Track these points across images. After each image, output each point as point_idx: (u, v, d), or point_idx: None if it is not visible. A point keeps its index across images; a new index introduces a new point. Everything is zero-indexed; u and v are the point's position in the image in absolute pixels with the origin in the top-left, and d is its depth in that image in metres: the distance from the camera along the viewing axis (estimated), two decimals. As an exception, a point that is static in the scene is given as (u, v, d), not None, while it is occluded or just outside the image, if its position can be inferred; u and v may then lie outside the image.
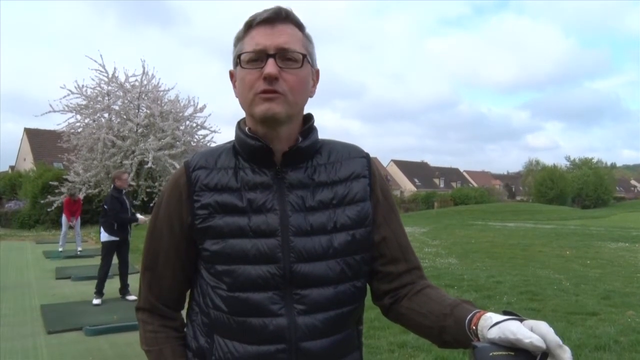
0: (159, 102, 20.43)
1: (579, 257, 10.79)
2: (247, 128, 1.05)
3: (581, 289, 7.11)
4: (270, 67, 0.97)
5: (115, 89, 20.30)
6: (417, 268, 1.11)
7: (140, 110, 20.43)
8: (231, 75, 1.10)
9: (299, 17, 1.04)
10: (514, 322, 0.78)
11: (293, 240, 1.00)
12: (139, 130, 19.82)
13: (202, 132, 21.75)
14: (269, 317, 0.99)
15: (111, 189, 7.08)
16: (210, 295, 1.03)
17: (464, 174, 74.86)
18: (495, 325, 0.80)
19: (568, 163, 70.61)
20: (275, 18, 1.00)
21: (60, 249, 11.96)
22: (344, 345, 1.06)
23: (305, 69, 1.03)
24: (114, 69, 21.05)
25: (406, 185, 59.42)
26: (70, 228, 12.33)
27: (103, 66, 19.97)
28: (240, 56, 1.02)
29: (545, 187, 51.46)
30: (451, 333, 0.93)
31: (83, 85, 19.94)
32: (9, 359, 4.51)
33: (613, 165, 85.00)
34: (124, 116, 20.01)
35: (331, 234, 1.02)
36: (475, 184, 65.12)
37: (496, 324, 0.80)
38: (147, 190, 20.35)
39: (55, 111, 19.59)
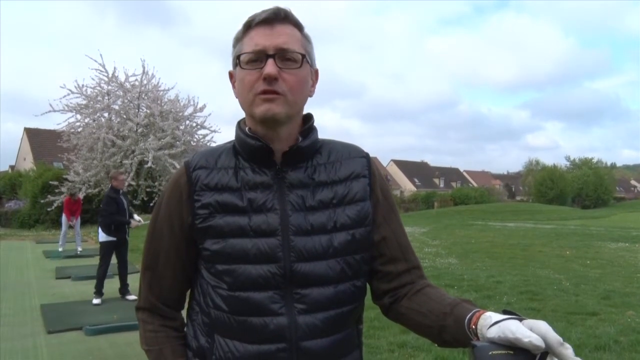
0: (158, 102, 20.46)
1: (579, 257, 10.79)
2: (248, 128, 1.06)
3: (581, 289, 7.11)
4: (269, 68, 0.97)
5: (115, 89, 20.33)
6: (417, 267, 1.12)
7: (140, 110, 20.46)
8: (230, 76, 1.10)
9: (297, 18, 1.04)
10: (514, 322, 0.79)
11: (293, 240, 1.00)
12: (139, 130, 19.84)
13: (202, 132, 21.85)
14: (270, 317, 0.99)
15: (108, 189, 7.06)
16: (211, 294, 1.04)
17: (464, 173, 74.86)
18: (494, 325, 0.80)
19: (568, 163, 70.60)
20: (274, 18, 1.01)
21: (60, 249, 11.97)
22: (344, 344, 1.06)
23: (305, 69, 1.03)
24: (114, 68, 21.13)
25: (406, 185, 59.41)
26: (70, 228, 12.33)
27: (103, 66, 20.03)
28: (239, 57, 1.02)
29: (545, 187, 51.46)
30: (451, 332, 0.93)
31: (83, 85, 20.02)
32: (9, 358, 4.51)
33: (613, 165, 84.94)
34: (124, 116, 20.03)
35: (331, 233, 1.03)
36: (475, 184, 65.13)
37: (496, 323, 0.80)
38: (147, 189, 20.38)
39: (55, 111, 19.64)
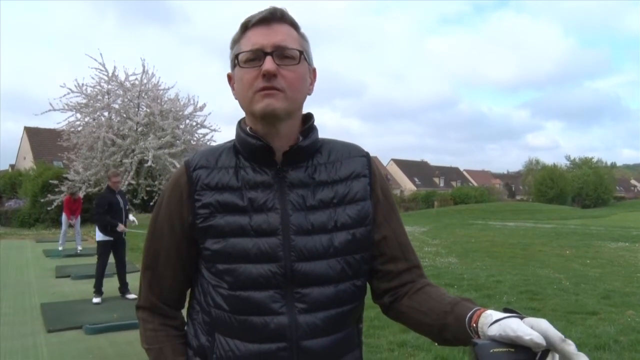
0: (158, 101, 20.45)
1: (579, 257, 10.80)
2: (248, 127, 1.06)
3: (581, 288, 7.11)
4: (268, 64, 0.98)
5: (115, 88, 20.32)
6: (417, 267, 1.12)
7: (140, 109, 20.45)
8: (229, 79, 1.10)
9: (293, 17, 1.05)
10: (515, 320, 0.79)
11: (294, 239, 1.01)
12: (139, 129, 19.83)
13: (202, 131, 21.84)
14: (270, 316, 0.99)
15: (105, 188, 7.06)
16: (212, 294, 1.04)
17: (464, 173, 74.84)
18: (495, 323, 0.80)
19: (568, 162, 70.53)
20: (271, 18, 1.02)
21: (60, 248, 11.98)
22: (345, 343, 1.06)
23: (303, 65, 1.03)
24: (114, 67, 21.04)
25: (406, 185, 59.39)
26: (70, 227, 12.34)
27: (103, 65, 20.02)
28: (238, 56, 1.02)
29: (545, 187, 51.47)
30: (451, 331, 0.93)
31: (83, 84, 19.99)
32: (9, 357, 4.51)
33: (613, 165, 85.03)
34: (124, 115, 20.02)
35: (332, 232, 1.03)
36: (475, 183, 65.11)
37: (497, 321, 0.81)
38: (147, 189, 20.38)
39: (55, 110, 19.62)
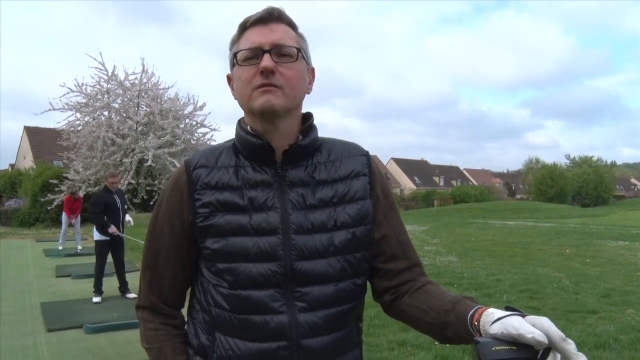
0: (158, 100, 20.46)
1: (578, 256, 10.80)
2: (248, 127, 1.06)
3: (581, 287, 7.11)
4: (266, 61, 0.98)
5: (115, 87, 20.32)
6: (418, 265, 1.12)
7: (140, 108, 20.46)
8: (229, 79, 1.11)
9: (291, 17, 1.06)
10: (516, 318, 0.79)
11: (294, 238, 1.01)
12: (139, 128, 19.84)
13: (202, 130, 21.85)
14: (271, 315, 0.99)
15: (102, 188, 7.06)
16: (212, 293, 1.04)
17: (464, 172, 74.81)
18: (497, 321, 0.81)
19: (568, 161, 70.36)
20: (269, 18, 1.02)
21: (60, 247, 11.99)
22: (345, 342, 1.06)
23: (301, 63, 1.04)
24: (114, 67, 21.08)
25: (406, 184, 59.34)
26: (70, 226, 12.34)
27: (103, 64, 20.03)
28: (236, 55, 1.03)
29: (545, 186, 51.49)
30: (453, 329, 0.94)
31: (83, 84, 20.00)
32: (9, 357, 4.51)
33: (613, 164, 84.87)
34: (124, 114, 20.02)
35: (332, 231, 1.03)
36: (475, 182, 65.10)
37: (498, 319, 0.81)
38: (147, 188, 20.39)
39: (55, 109, 19.64)
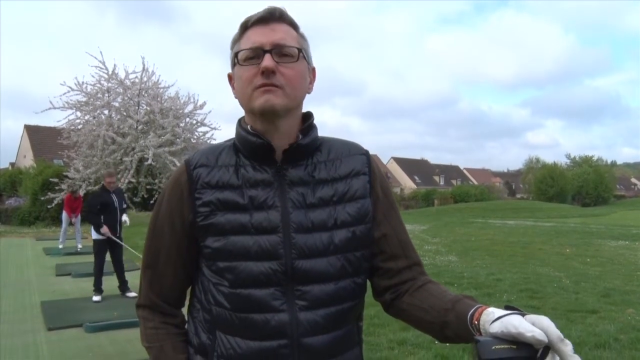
0: (159, 99, 20.46)
1: (579, 255, 10.80)
2: (249, 126, 1.06)
3: (581, 286, 7.11)
4: (267, 61, 0.98)
5: (115, 86, 20.33)
6: (418, 264, 1.12)
7: (140, 107, 20.47)
8: (230, 78, 1.11)
9: (292, 17, 1.05)
10: (516, 317, 0.79)
11: (294, 237, 1.01)
12: (139, 127, 19.82)
13: (202, 129, 21.86)
14: (271, 313, 0.99)
15: (100, 187, 7.09)
16: (212, 291, 1.04)
17: (464, 171, 74.81)
18: (497, 320, 0.81)
19: (568, 161, 70.24)
20: (270, 17, 1.02)
21: (61, 246, 12.00)
22: (345, 340, 1.06)
23: (302, 63, 1.04)
24: (114, 65, 21.04)
25: (406, 183, 59.32)
26: (71, 225, 12.34)
27: (103, 63, 20.03)
28: (237, 54, 1.03)
29: (545, 185, 51.50)
30: (453, 328, 0.94)
31: (83, 82, 20.01)
32: (9, 355, 4.51)
33: (613, 163, 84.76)
34: (124, 113, 20.02)
35: (332, 230, 1.03)
36: (475, 182, 65.12)
37: (498, 318, 0.81)
38: (147, 187, 20.40)
39: (55, 108, 19.64)
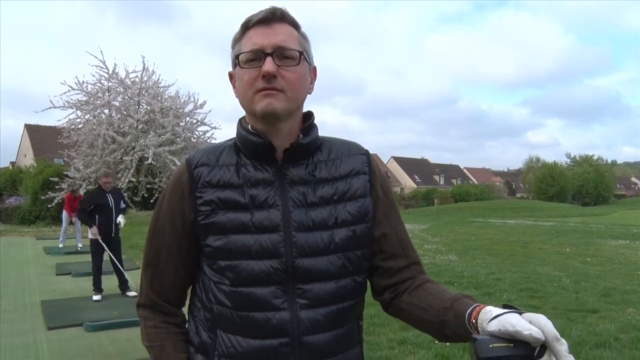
0: (159, 98, 20.44)
1: (579, 255, 10.80)
2: (249, 126, 1.06)
3: (581, 286, 7.11)
4: (268, 65, 0.98)
5: (116, 85, 20.31)
6: (417, 263, 1.12)
7: (141, 107, 20.45)
8: (230, 77, 1.11)
9: (293, 17, 1.05)
10: (514, 315, 0.80)
11: (295, 236, 1.01)
12: (139, 127, 19.81)
13: (203, 129, 21.82)
14: (272, 312, 1.00)
15: (96, 187, 7.11)
16: (213, 290, 1.04)
17: (464, 170, 74.78)
18: (495, 318, 0.81)
19: (568, 160, 70.11)
20: (271, 18, 1.02)
21: (61, 245, 11.99)
22: (345, 339, 1.07)
23: (303, 66, 1.04)
24: (114, 65, 21.07)
25: (406, 182, 59.30)
26: (71, 224, 12.34)
27: (103, 62, 20.00)
28: (238, 56, 1.03)
29: (545, 184, 51.50)
30: (451, 327, 0.94)
31: (83, 82, 19.97)
32: (10, 354, 4.52)
33: (614, 163, 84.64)
34: (124, 112, 20.02)
35: (332, 229, 1.03)
36: (475, 181, 65.07)
37: (496, 317, 0.81)
38: (147, 186, 20.37)
39: (55, 107, 19.61)
